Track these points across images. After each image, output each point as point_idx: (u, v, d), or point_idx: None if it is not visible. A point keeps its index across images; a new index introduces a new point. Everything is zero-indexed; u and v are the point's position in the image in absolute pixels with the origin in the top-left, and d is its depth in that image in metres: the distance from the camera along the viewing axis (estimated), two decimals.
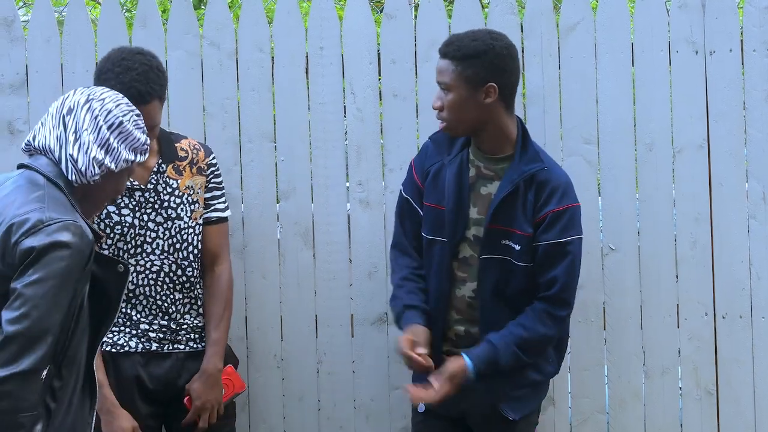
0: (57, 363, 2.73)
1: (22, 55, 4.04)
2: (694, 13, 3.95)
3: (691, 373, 4.00)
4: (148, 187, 3.58)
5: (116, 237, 3.56)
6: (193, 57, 4.02)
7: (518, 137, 3.48)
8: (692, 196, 3.96)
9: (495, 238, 3.44)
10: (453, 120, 3.45)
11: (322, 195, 4.02)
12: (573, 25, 3.97)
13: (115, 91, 2.89)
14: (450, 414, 3.57)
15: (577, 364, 4.00)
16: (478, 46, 3.39)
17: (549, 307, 3.45)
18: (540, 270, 3.44)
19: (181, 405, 3.63)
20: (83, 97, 2.83)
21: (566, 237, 3.44)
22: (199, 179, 3.67)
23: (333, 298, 4.02)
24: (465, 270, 3.51)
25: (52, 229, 2.66)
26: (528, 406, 3.55)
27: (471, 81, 3.38)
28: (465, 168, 3.51)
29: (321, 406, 4.04)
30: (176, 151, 3.65)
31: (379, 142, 4.03)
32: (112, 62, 3.43)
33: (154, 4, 4.05)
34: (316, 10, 4.01)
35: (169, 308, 3.61)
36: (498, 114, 3.43)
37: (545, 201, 3.43)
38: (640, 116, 3.98)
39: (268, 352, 4.03)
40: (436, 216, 3.53)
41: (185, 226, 3.62)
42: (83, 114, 2.81)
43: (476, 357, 3.40)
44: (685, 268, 3.97)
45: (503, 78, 3.41)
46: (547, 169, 3.46)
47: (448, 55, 3.42)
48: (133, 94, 3.33)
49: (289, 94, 4.02)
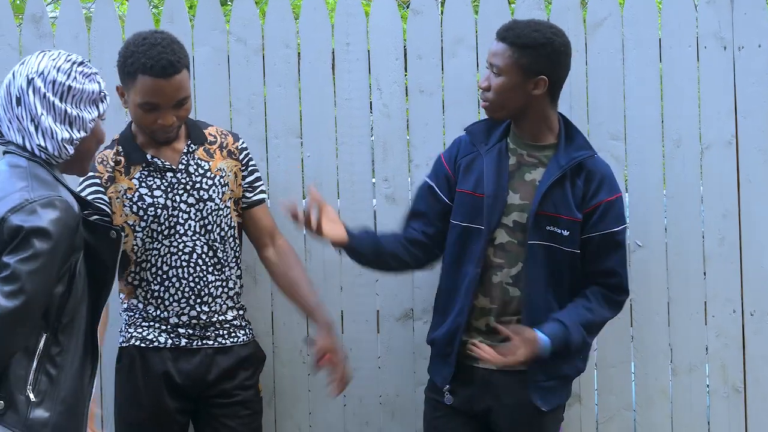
0: (53, 330, 2.81)
1: None
2: (722, 8, 3.93)
3: (719, 371, 3.98)
4: (179, 168, 3.60)
5: (150, 219, 3.58)
6: (219, 53, 4.03)
7: (561, 127, 3.51)
8: (720, 192, 3.94)
9: (541, 224, 3.46)
10: (497, 102, 3.47)
11: (348, 191, 4.02)
12: (600, 20, 3.96)
13: (45, 52, 2.92)
14: (473, 409, 3.56)
15: (604, 361, 3.98)
16: (538, 38, 3.42)
17: (610, 293, 3.50)
18: (594, 259, 3.48)
19: (209, 401, 3.66)
20: (23, 80, 2.85)
21: (619, 226, 3.49)
22: (231, 162, 3.69)
23: (359, 294, 4.02)
24: (501, 256, 3.50)
25: (38, 205, 2.74)
26: (557, 399, 3.55)
27: (525, 70, 3.42)
28: (504, 156, 3.52)
29: (346, 402, 4.04)
30: (205, 135, 3.68)
31: (405, 138, 4.03)
32: (135, 45, 3.48)
33: (182, 0, 4.07)
34: (342, 6, 4.01)
35: (201, 291, 3.62)
36: (543, 105, 3.48)
37: (596, 190, 3.47)
38: (667, 112, 3.96)
39: (294, 348, 4.03)
40: (472, 203, 3.52)
41: (216, 207, 3.64)
42: (31, 98, 2.84)
43: (552, 335, 3.40)
44: (713, 264, 3.95)
45: (556, 73, 3.45)
46: (596, 157, 3.52)
47: (506, 39, 3.45)
48: (164, 65, 3.41)
49: (315, 90, 4.02)
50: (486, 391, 3.50)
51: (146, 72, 3.42)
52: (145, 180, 3.60)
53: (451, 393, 3.57)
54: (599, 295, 3.49)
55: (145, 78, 3.43)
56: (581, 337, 3.45)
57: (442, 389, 3.58)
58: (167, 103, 3.47)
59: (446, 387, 3.58)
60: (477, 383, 3.55)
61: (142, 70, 3.43)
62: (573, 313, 3.45)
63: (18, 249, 2.71)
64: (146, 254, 3.60)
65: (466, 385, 3.56)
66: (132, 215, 3.58)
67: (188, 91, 3.51)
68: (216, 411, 3.67)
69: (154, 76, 3.43)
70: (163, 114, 3.48)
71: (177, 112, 3.51)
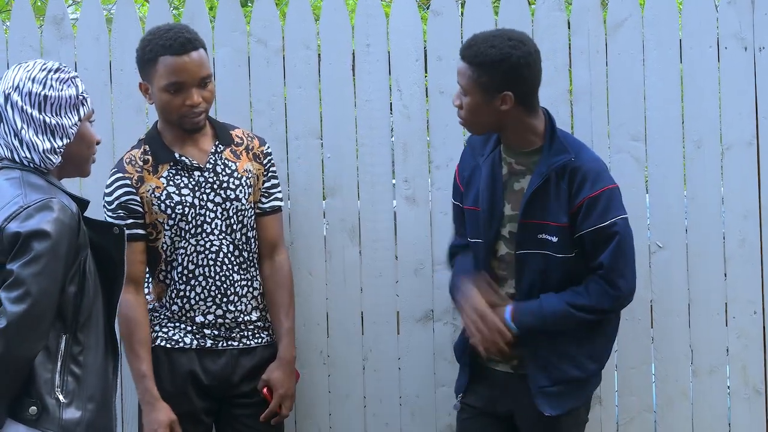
0: (72, 330, 2.86)
1: (71, 52, 4.07)
2: (743, 9, 3.92)
3: (740, 372, 3.97)
4: (207, 167, 3.62)
5: (177, 217, 3.59)
6: (240, 54, 4.03)
7: (546, 128, 3.45)
8: (741, 193, 3.93)
9: (530, 232, 3.42)
10: (470, 120, 3.45)
11: (368, 192, 4.03)
12: (620, 21, 3.95)
13: (20, 64, 2.94)
14: (497, 411, 3.57)
15: (624, 363, 3.97)
16: (494, 54, 3.33)
17: (605, 284, 3.41)
18: (591, 256, 3.41)
19: (232, 401, 3.67)
20: (1, 97, 2.89)
21: (607, 220, 3.39)
22: (256, 165, 3.71)
23: (379, 295, 4.02)
24: (504, 268, 3.50)
25: (33, 209, 2.78)
26: (567, 403, 3.49)
27: (486, 88, 3.35)
28: (497, 166, 3.49)
29: (366, 403, 4.04)
30: (232, 136, 3.69)
31: (425, 139, 4.03)
32: (150, 34, 3.56)
33: (202, 1, 4.08)
34: (362, 7, 4.02)
35: (227, 290, 3.63)
36: (517, 116, 3.40)
37: (578, 188, 3.39)
38: (688, 113, 3.95)
39: (315, 349, 4.04)
40: (475, 218, 3.53)
41: (242, 207, 3.65)
42: (11, 113, 2.88)
43: (516, 307, 3.40)
44: (734, 265, 3.94)
45: (519, 86, 3.36)
46: (575, 158, 3.41)
47: (465, 58, 3.39)
48: (182, 41, 3.48)
49: (335, 91, 4.02)
50: (506, 395, 3.50)
51: (166, 52, 3.48)
52: (172, 178, 3.61)
53: (475, 394, 3.58)
54: (591, 283, 3.41)
55: (166, 58, 3.48)
56: (563, 311, 3.37)
57: (456, 396, 3.63)
58: (191, 80, 3.50)
59: (459, 395, 3.61)
60: (498, 386, 3.55)
61: (162, 51, 3.48)
62: (554, 295, 3.41)
63: (19, 254, 2.74)
64: (175, 253, 3.62)
65: (489, 387, 3.56)
66: (160, 213, 3.59)
67: (210, 70, 3.56)
68: (238, 411, 3.68)
69: (175, 53, 3.48)
70: (188, 94, 3.51)
71: (202, 93, 3.54)
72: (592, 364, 3.52)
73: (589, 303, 3.40)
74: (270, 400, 3.66)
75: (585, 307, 3.41)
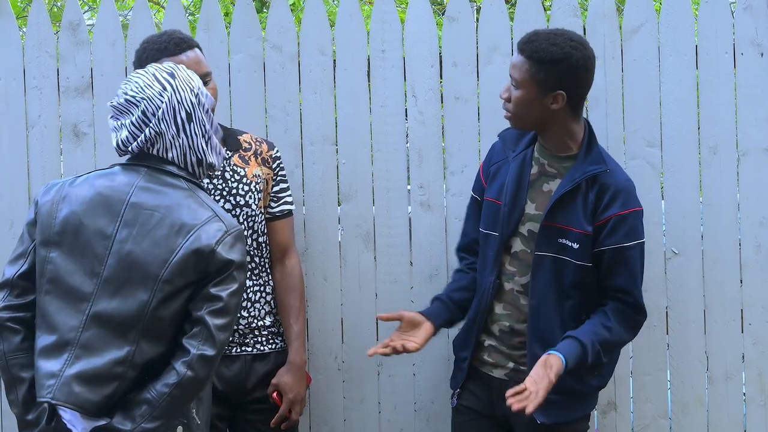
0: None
1: (87, 58, 4.09)
2: (759, 15, 3.91)
3: (756, 379, 3.96)
4: (215, 174, 3.62)
5: None
6: (255, 60, 4.04)
7: (584, 137, 3.46)
8: (757, 199, 3.92)
9: (550, 235, 3.42)
10: (516, 114, 3.43)
11: (383, 198, 4.03)
12: (636, 27, 3.94)
13: (175, 65, 2.96)
14: (495, 414, 3.56)
15: (640, 369, 3.97)
16: (555, 53, 3.33)
17: (629, 310, 3.42)
18: (607, 274, 3.41)
19: (246, 407, 3.67)
20: (190, 95, 2.87)
21: (631, 241, 3.39)
22: (265, 170, 3.71)
23: (394, 301, 4.02)
24: (515, 264, 3.50)
25: (234, 237, 2.83)
26: (563, 414, 3.47)
27: (541, 84, 3.35)
28: (527, 164, 3.50)
29: (381, 409, 4.05)
30: (239, 141, 3.69)
31: (440, 145, 4.03)
32: (146, 42, 3.55)
33: (218, 7, 4.08)
34: (377, 13, 4.02)
35: None
36: (563, 118, 3.41)
37: (607, 204, 3.40)
38: (704, 119, 3.94)
39: (329, 354, 4.04)
40: (494, 210, 3.53)
41: (252, 213, 3.65)
42: (200, 114, 2.88)
43: (568, 354, 3.34)
44: (750, 272, 3.93)
45: (574, 88, 3.36)
46: (610, 171, 3.42)
47: (524, 52, 3.37)
48: (176, 42, 3.49)
49: (350, 97, 4.03)
50: (501, 399, 3.50)
51: (162, 55, 3.47)
52: None
53: (472, 395, 3.58)
54: (619, 314, 3.41)
55: (164, 61, 3.47)
56: (596, 356, 3.38)
57: (454, 392, 3.62)
58: None
59: (456, 390, 3.60)
60: (494, 390, 3.54)
61: (158, 55, 3.48)
62: (591, 332, 3.38)
63: (226, 282, 2.79)
64: None
65: (486, 389, 3.56)
66: None
67: (208, 68, 3.54)
68: (252, 417, 3.69)
69: (171, 55, 3.47)
70: None
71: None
72: (594, 380, 3.51)
73: (619, 338, 3.44)
74: (280, 405, 3.67)
75: (623, 341, 3.50)
